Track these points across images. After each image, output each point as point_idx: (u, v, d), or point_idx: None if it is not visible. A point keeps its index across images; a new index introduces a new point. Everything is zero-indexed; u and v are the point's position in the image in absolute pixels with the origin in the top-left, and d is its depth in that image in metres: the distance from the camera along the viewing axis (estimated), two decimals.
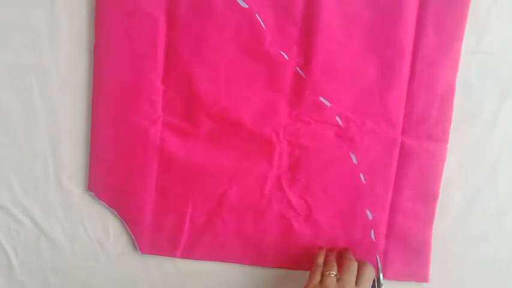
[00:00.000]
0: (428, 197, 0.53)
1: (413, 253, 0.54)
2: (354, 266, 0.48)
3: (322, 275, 0.47)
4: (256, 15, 0.50)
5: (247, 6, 0.50)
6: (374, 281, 0.50)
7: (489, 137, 0.53)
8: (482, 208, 0.54)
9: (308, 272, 0.50)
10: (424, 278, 0.54)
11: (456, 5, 0.50)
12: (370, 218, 0.54)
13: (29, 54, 0.51)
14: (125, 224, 0.54)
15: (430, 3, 0.50)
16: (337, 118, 0.52)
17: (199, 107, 0.52)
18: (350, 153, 0.53)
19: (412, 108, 0.52)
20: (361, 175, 0.53)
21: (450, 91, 0.51)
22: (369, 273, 0.48)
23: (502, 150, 0.53)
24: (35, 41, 0.51)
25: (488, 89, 0.52)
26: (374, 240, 0.54)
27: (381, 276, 0.51)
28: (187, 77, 0.51)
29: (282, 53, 0.51)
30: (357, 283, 0.47)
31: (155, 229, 0.54)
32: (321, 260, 0.50)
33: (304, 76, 0.51)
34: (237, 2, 0.50)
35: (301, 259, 0.54)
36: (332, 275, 0.47)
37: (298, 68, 0.51)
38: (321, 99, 0.52)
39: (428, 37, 0.50)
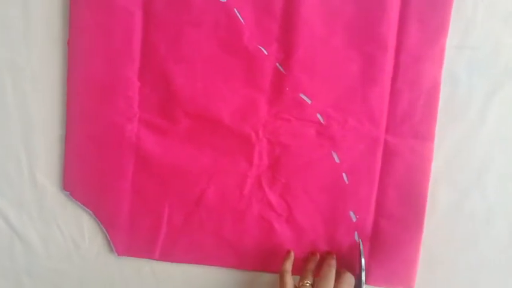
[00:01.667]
0: (415, 199, 0.51)
1: (400, 259, 0.52)
2: (331, 273, 0.46)
3: (298, 285, 0.47)
4: (235, 9, 0.49)
5: (225, 0, 0.49)
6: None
7: (477, 134, 0.51)
8: (470, 208, 0.52)
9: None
10: (408, 284, 0.52)
11: None
12: (354, 219, 0.52)
13: (1, 50, 0.50)
14: (101, 225, 0.53)
15: None
16: (318, 115, 0.50)
17: (177, 104, 0.50)
18: (332, 152, 0.51)
19: (396, 106, 0.50)
20: (344, 175, 0.51)
21: (435, 87, 0.50)
22: (349, 279, 0.47)
23: (491, 149, 0.51)
24: (8, 36, 0.50)
25: (475, 85, 0.50)
26: (358, 243, 0.52)
27: (363, 261, 0.49)
28: (164, 74, 0.50)
29: (262, 48, 0.50)
30: None
31: (132, 230, 0.53)
32: (288, 265, 0.49)
33: (284, 72, 0.50)
34: None
35: (282, 262, 0.52)
36: (307, 284, 0.46)
37: (278, 64, 0.50)
38: (302, 96, 0.50)
39: (411, 32, 0.49)
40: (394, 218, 0.51)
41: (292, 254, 0.51)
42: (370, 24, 0.49)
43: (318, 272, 0.49)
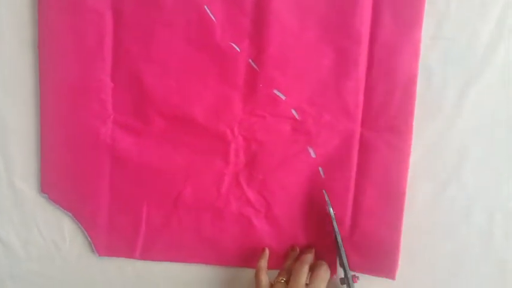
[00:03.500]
0: (393, 194, 0.50)
1: (380, 252, 0.52)
2: (303, 269, 0.46)
3: (274, 282, 0.47)
4: (205, 6, 0.48)
5: None
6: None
7: (453, 126, 0.50)
8: (449, 200, 0.52)
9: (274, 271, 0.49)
10: (390, 275, 0.52)
11: None
12: (332, 214, 0.51)
13: None
14: (81, 226, 0.53)
15: None
16: (293, 111, 0.50)
17: (150, 104, 0.50)
18: (308, 147, 0.51)
19: (371, 99, 0.49)
20: (320, 169, 0.51)
21: (412, 80, 0.49)
22: (323, 274, 0.47)
23: (468, 140, 0.50)
24: None
25: (450, 76, 0.49)
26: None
27: (331, 210, 0.49)
28: (137, 74, 0.50)
29: (234, 45, 0.49)
30: (309, 283, 0.45)
31: (111, 230, 0.53)
32: (263, 262, 0.49)
33: (257, 69, 0.49)
34: None
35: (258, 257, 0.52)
36: (282, 281, 0.47)
37: (250, 61, 0.49)
38: (275, 92, 0.50)
39: (385, 24, 0.48)
40: (372, 212, 0.51)
41: (267, 251, 0.51)
42: (343, 18, 0.48)
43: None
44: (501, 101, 0.50)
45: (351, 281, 0.48)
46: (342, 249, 0.48)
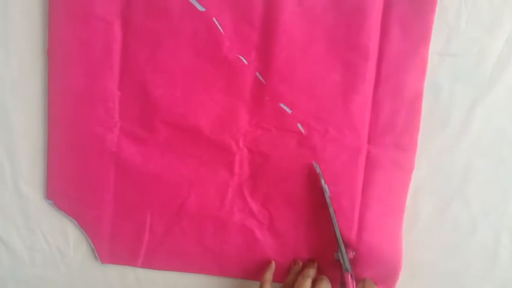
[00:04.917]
0: (395, 210, 0.51)
1: (382, 267, 0.51)
2: (306, 282, 0.47)
3: None
4: (214, 18, 0.48)
5: (204, 10, 0.48)
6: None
7: (460, 143, 0.50)
8: (453, 218, 0.51)
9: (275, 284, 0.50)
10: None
11: (422, 6, 0.47)
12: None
13: None
14: (84, 233, 0.53)
15: (394, 5, 0.47)
16: (299, 125, 0.50)
17: (156, 113, 0.50)
18: (313, 162, 0.50)
19: (377, 116, 0.49)
20: (325, 184, 0.51)
21: (418, 97, 0.49)
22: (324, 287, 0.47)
23: (474, 157, 0.50)
24: None
25: (458, 92, 0.49)
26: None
27: (323, 182, 0.49)
28: (144, 83, 0.50)
29: (241, 57, 0.49)
30: None
31: (115, 238, 0.53)
32: (268, 275, 0.49)
33: (264, 82, 0.49)
34: (193, 6, 0.48)
35: (264, 269, 0.52)
36: None
37: (257, 73, 0.49)
38: (282, 105, 0.50)
39: (393, 40, 0.48)
40: (376, 228, 0.51)
41: (273, 264, 0.51)
42: (351, 33, 0.48)
43: None
44: (509, 119, 0.50)
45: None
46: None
